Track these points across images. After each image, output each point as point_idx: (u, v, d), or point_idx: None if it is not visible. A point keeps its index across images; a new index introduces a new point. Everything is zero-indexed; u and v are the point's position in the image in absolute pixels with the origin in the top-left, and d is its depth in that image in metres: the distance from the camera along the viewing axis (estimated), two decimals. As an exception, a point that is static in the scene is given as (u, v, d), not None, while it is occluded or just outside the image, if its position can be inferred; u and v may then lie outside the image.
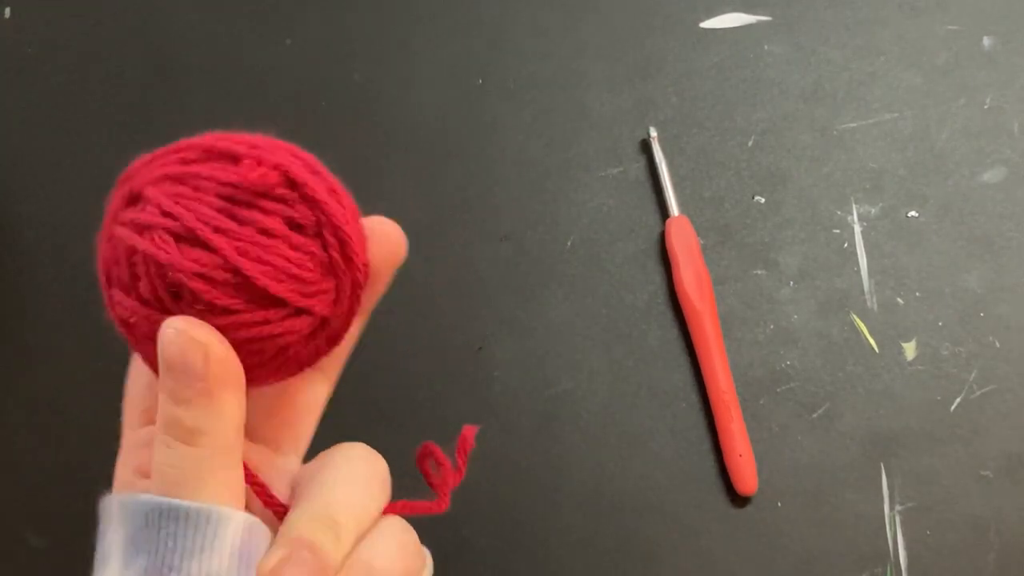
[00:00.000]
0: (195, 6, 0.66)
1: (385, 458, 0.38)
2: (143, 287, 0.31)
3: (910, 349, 0.59)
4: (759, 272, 0.60)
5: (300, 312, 0.32)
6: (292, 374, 0.35)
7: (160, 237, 0.31)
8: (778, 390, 0.58)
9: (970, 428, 0.57)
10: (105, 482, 0.60)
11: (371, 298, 0.35)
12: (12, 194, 0.62)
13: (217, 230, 0.31)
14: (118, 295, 0.32)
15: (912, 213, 0.61)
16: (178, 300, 0.31)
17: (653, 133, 0.62)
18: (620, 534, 0.56)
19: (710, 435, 0.57)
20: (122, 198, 0.33)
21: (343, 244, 0.33)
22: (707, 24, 0.65)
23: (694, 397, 0.58)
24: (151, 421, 0.34)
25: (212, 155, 0.34)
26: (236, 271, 0.31)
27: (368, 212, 0.55)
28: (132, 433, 0.36)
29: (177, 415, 0.31)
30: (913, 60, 0.64)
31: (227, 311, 0.31)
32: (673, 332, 0.59)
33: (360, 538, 0.32)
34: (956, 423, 0.57)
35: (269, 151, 0.34)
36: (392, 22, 0.66)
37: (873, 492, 0.56)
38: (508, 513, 0.56)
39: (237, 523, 0.31)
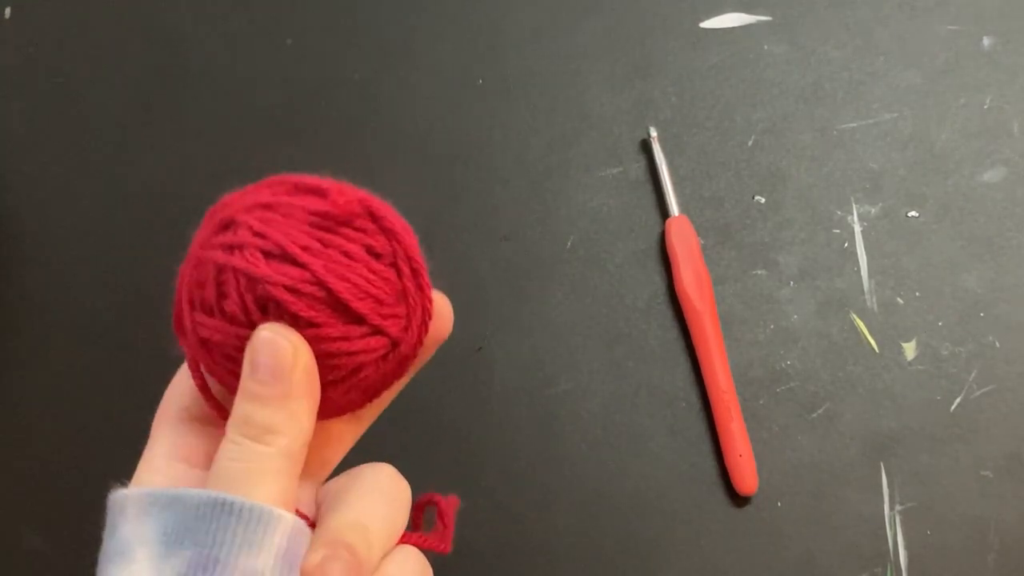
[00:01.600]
0: (195, 6, 0.66)
1: (385, 458, 0.38)
2: (230, 304, 0.34)
3: (910, 349, 0.59)
4: (759, 272, 0.60)
5: (376, 332, 0.34)
6: (359, 403, 0.37)
7: (251, 254, 0.34)
8: (778, 390, 0.58)
9: (970, 428, 0.57)
10: (104, 481, 0.60)
11: (415, 366, 0.37)
12: (12, 194, 0.62)
13: (305, 249, 0.34)
14: (200, 316, 0.35)
15: (912, 213, 0.61)
16: (265, 314, 0.33)
17: (653, 133, 0.62)
18: (620, 534, 0.56)
19: (710, 435, 0.57)
20: (213, 226, 0.36)
21: (416, 273, 0.36)
22: (707, 24, 0.65)
23: (694, 397, 0.58)
24: (191, 420, 0.36)
25: (300, 189, 0.36)
26: (322, 285, 0.33)
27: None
28: (170, 430, 0.37)
29: (254, 414, 0.33)
30: (913, 60, 0.64)
31: (311, 324, 0.33)
32: (673, 332, 0.59)
33: (385, 555, 0.34)
34: (956, 423, 0.57)
35: (351, 189, 0.37)
36: (392, 22, 0.66)
37: (873, 492, 0.56)
38: (508, 513, 0.56)
39: (286, 525, 0.32)
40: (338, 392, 0.35)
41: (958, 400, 0.58)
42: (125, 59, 0.65)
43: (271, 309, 0.33)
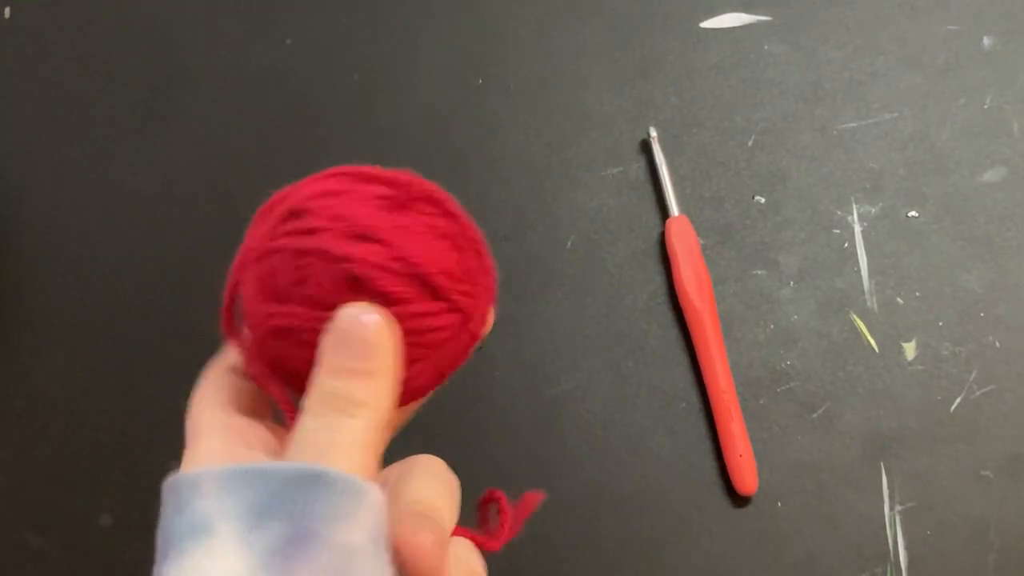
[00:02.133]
0: (195, 6, 0.66)
1: (385, 458, 0.38)
2: (311, 287, 0.34)
3: (910, 349, 0.59)
4: (759, 272, 0.60)
5: (454, 309, 0.35)
6: (431, 385, 0.37)
7: (333, 236, 0.34)
8: (778, 390, 0.58)
9: (970, 428, 0.57)
10: (105, 480, 0.60)
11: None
12: (12, 194, 0.62)
13: (384, 229, 0.34)
14: (272, 307, 0.35)
15: (912, 213, 0.61)
16: (351, 293, 0.33)
17: (653, 133, 0.62)
18: (620, 534, 0.56)
19: (710, 435, 0.57)
20: (278, 218, 0.36)
21: (479, 254, 0.37)
22: (707, 24, 0.65)
23: (694, 397, 0.58)
24: (239, 410, 0.36)
25: (360, 177, 0.37)
26: (406, 262, 0.34)
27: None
28: (218, 420, 0.36)
29: (341, 388, 0.33)
30: (913, 60, 0.64)
31: (397, 301, 0.34)
32: (673, 332, 0.59)
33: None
34: (956, 423, 0.57)
35: (409, 175, 0.37)
36: (392, 22, 0.66)
37: (873, 492, 0.56)
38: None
39: (376, 499, 0.31)
40: (414, 372, 0.35)
41: (958, 400, 0.58)
42: (125, 59, 0.65)
43: (357, 289, 0.33)
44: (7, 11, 0.66)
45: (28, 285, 0.61)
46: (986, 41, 0.64)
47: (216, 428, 0.36)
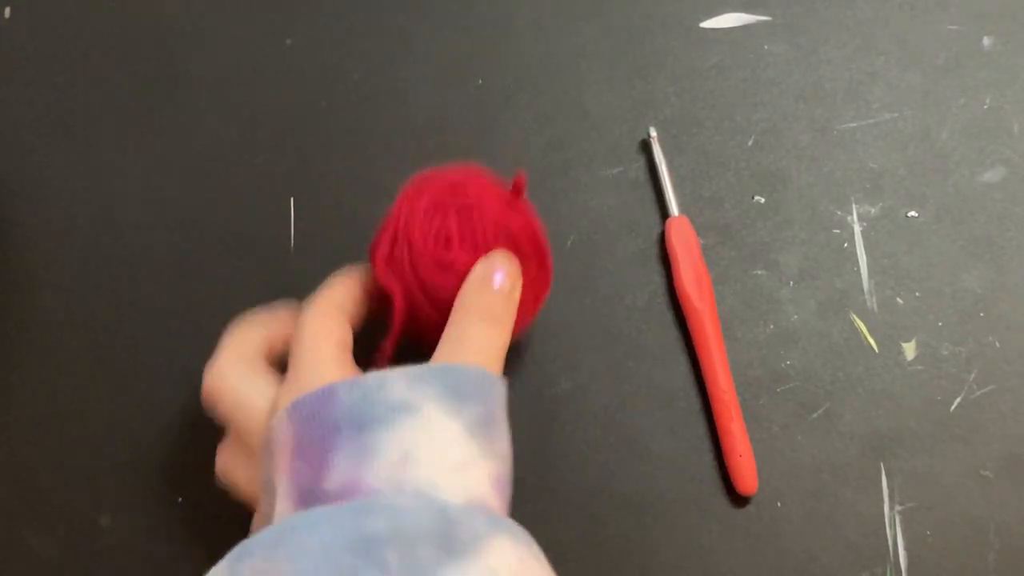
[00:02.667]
0: (195, 6, 0.66)
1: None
2: (478, 235, 0.48)
3: (910, 349, 0.59)
4: (759, 272, 0.60)
5: (547, 273, 0.52)
6: (527, 320, 0.51)
7: (493, 202, 0.50)
8: (778, 390, 0.58)
9: (970, 428, 0.57)
10: (105, 480, 0.60)
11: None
12: (12, 194, 0.62)
13: (519, 208, 0.51)
14: (441, 247, 0.48)
15: (912, 213, 0.61)
16: (505, 244, 0.49)
17: (653, 133, 0.62)
18: (620, 534, 0.56)
19: (710, 435, 0.57)
20: (443, 186, 0.50)
21: (545, 241, 0.52)
22: (707, 24, 0.65)
23: (694, 397, 0.58)
24: (346, 319, 0.48)
25: (479, 172, 0.52)
26: (533, 233, 0.50)
27: (369, 210, 0.55)
28: (338, 325, 0.47)
29: (495, 306, 0.46)
30: (913, 60, 0.64)
31: (527, 257, 0.50)
32: (673, 332, 0.59)
33: None
34: (956, 423, 0.57)
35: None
36: (392, 22, 0.66)
37: (873, 492, 0.56)
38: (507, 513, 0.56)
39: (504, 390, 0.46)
40: (523, 311, 0.49)
41: (958, 400, 0.58)
42: (125, 59, 0.65)
43: (509, 243, 0.48)
44: (7, 11, 0.66)
45: (27, 285, 0.61)
46: (986, 41, 0.64)
47: (338, 332, 0.46)
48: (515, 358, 0.58)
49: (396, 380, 0.41)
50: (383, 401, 0.41)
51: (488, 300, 0.46)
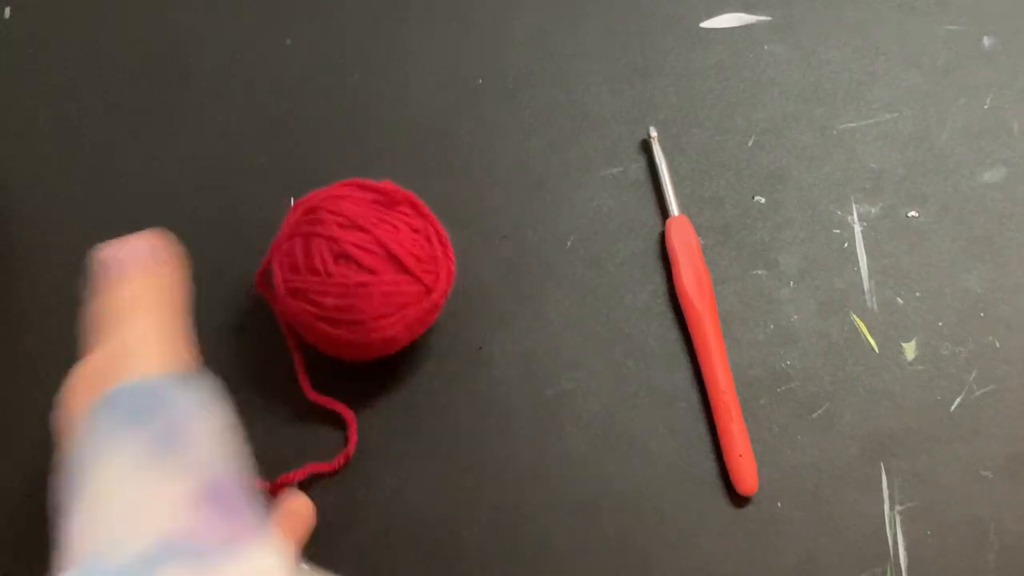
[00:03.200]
0: (195, 6, 0.66)
1: (385, 459, 0.38)
2: (316, 260, 0.50)
3: (910, 349, 0.59)
4: (759, 272, 0.60)
5: (417, 281, 0.51)
6: (403, 339, 0.52)
7: (330, 226, 0.50)
8: (778, 390, 0.58)
9: (970, 428, 0.57)
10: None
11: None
12: (12, 194, 0.62)
13: (371, 222, 0.50)
14: (289, 275, 0.51)
15: (912, 213, 0.61)
16: (343, 264, 0.50)
17: (653, 133, 0.62)
18: (620, 534, 0.56)
19: (710, 435, 0.57)
20: (300, 213, 0.52)
21: (443, 244, 0.53)
22: (707, 24, 0.65)
23: (694, 397, 0.58)
24: None
25: (362, 186, 0.53)
26: (381, 245, 0.50)
27: (368, 212, 0.54)
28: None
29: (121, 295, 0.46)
30: (913, 60, 0.64)
31: (373, 271, 0.50)
32: (673, 332, 0.59)
33: None
34: (956, 423, 0.57)
35: (396, 187, 0.53)
36: (392, 22, 0.66)
37: (873, 492, 0.56)
38: (508, 513, 0.56)
39: None
40: (389, 323, 0.50)
41: (958, 400, 0.58)
42: (125, 59, 0.65)
43: (346, 262, 0.50)
44: (7, 11, 0.66)
45: (27, 285, 0.61)
46: (986, 41, 0.64)
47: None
48: (515, 358, 0.58)
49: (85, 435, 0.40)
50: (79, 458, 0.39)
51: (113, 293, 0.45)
